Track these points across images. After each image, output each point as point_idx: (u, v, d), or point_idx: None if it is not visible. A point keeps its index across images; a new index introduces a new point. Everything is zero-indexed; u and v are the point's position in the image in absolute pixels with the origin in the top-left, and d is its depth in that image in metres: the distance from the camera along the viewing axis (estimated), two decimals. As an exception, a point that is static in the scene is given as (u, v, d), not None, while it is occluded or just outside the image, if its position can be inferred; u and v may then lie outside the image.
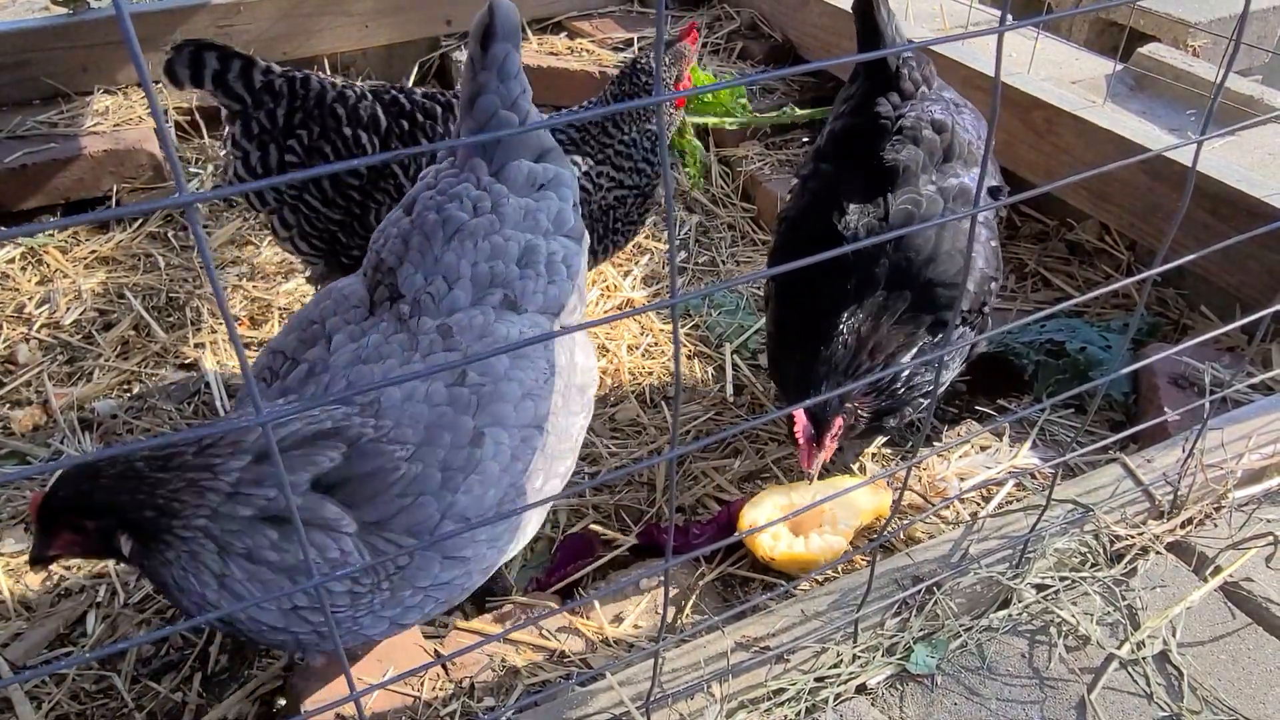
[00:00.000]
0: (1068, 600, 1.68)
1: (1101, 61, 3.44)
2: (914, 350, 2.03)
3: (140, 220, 3.35)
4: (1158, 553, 1.77)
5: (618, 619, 1.87)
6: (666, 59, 2.77)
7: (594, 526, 2.21)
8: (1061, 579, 1.71)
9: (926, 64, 2.33)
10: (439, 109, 2.32)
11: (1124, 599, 1.69)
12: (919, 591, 1.67)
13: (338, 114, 2.21)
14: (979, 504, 2.13)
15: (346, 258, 2.30)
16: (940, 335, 2.04)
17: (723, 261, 3.21)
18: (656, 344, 2.84)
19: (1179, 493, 1.84)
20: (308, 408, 0.78)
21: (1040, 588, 1.70)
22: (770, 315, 2.27)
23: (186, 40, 2.07)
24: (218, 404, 2.60)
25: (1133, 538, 1.78)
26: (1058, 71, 3.29)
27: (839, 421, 1.96)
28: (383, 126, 2.24)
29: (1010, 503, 2.08)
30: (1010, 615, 1.66)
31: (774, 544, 1.98)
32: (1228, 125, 1.37)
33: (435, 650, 1.85)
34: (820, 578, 1.94)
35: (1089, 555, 1.76)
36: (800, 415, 1.94)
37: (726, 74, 3.88)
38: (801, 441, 1.95)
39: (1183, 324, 2.69)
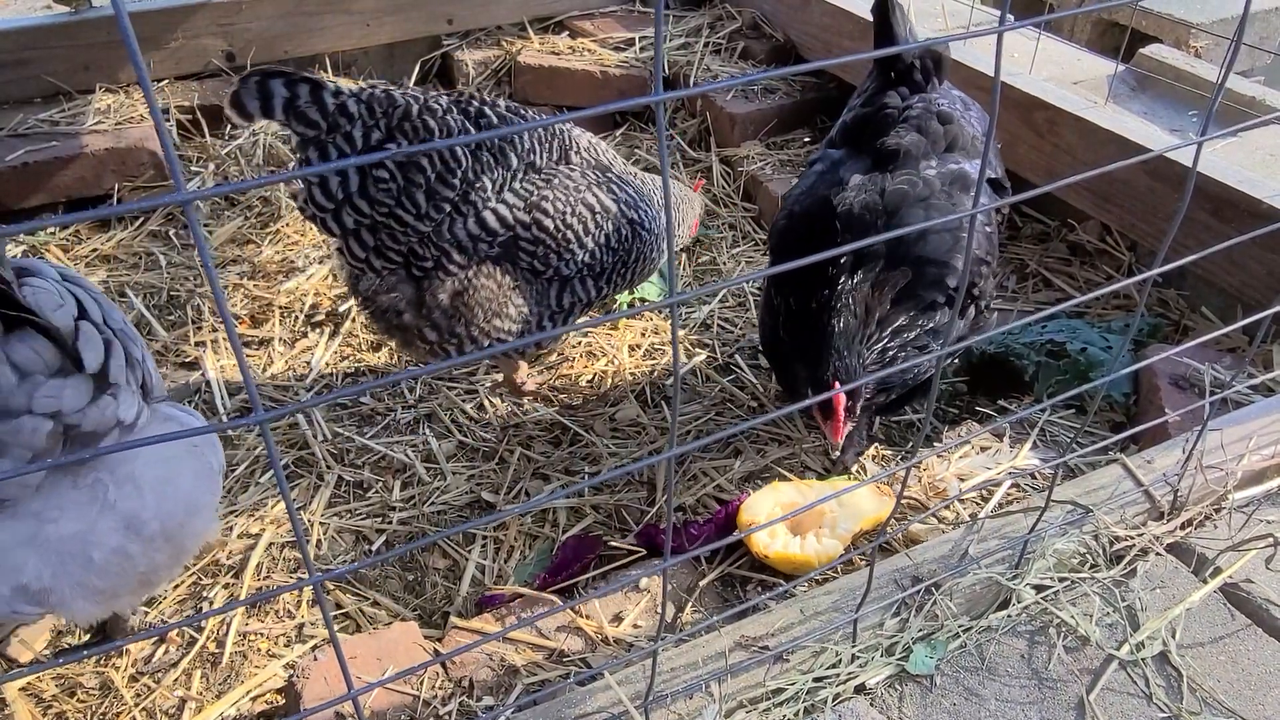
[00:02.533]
0: (1067, 601, 1.68)
1: (1103, 62, 3.44)
2: (914, 328, 2.05)
3: (141, 218, 3.36)
4: (1157, 554, 1.77)
5: (617, 618, 1.87)
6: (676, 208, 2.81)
7: (611, 544, 2.21)
8: (1061, 580, 1.71)
9: (940, 62, 2.36)
10: (520, 119, 2.30)
11: (1123, 600, 1.69)
12: (918, 592, 1.67)
13: (430, 126, 2.12)
14: (978, 504, 2.13)
15: (419, 269, 2.24)
16: (934, 313, 2.05)
17: (723, 262, 3.21)
18: (658, 345, 2.84)
19: (1179, 494, 1.84)
20: (301, 408, 0.77)
21: (1040, 588, 1.70)
22: (764, 294, 2.29)
23: (251, 70, 1.99)
24: (218, 403, 2.60)
25: (1132, 539, 1.77)
26: (1059, 72, 3.29)
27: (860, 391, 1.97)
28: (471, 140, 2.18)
29: (1010, 503, 2.08)
30: (1009, 616, 1.66)
31: (770, 541, 1.97)
32: (1229, 126, 1.37)
33: (434, 649, 1.85)
34: (819, 577, 1.94)
35: (1088, 556, 1.76)
36: (835, 385, 1.93)
37: (727, 74, 3.88)
38: (841, 411, 1.94)
39: (1183, 325, 2.69)
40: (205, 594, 2.09)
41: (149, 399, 1.62)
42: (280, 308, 2.94)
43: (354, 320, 2.89)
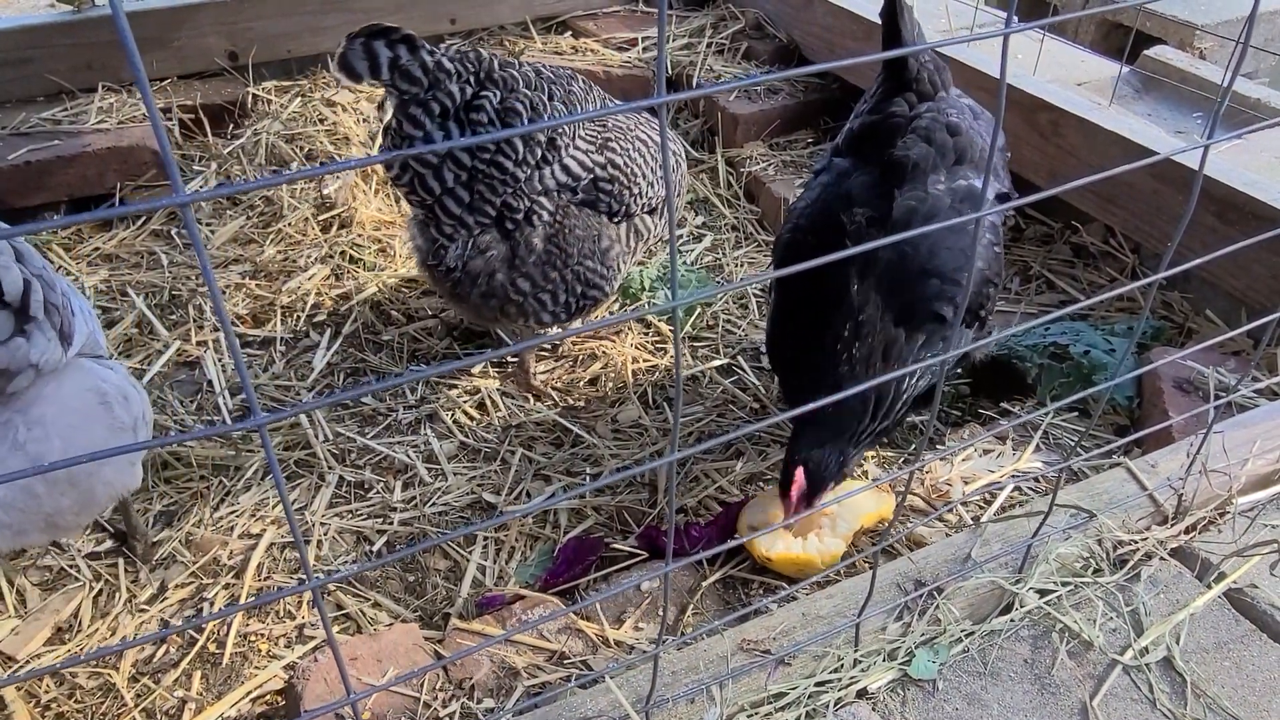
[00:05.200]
0: (1070, 605, 1.67)
1: (1107, 64, 3.43)
2: (934, 346, 2.04)
3: (143, 218, 3.35)
4: (1161, 558, 1.76)
5: (619, 620, 1.87)
6: None
7: (613, 546, 2.21)
8: (1064, 584, 1.70)
9: (944, 69, 2.34)
10: (567, 74, 2.45)
11: (1127, 605, 1.68)
12: (921, 595, 1.66)
13: (515, 76, 2.23)
14: (981, 507, 2.12)
15: (511, 222, 2.32)
16: (943, 330, 2.04)
17: (726, 264, 3.20)
18: (660, 345, 2.83)
19: (1183, 498, 1.83)
20: (299, 411, 0.77)
21: (1043, 593, 1.69)
22: (771, 304, 2.28)
23: (355, 31, 2.02)
24: (220, 403, 2.60)
25: (1136, 543, 1.77)
26: (1064, 73, 3.28)
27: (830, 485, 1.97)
28: (546, 89, 2.30)
29: (1013, 507, 2.07)
30: (1012, 620, 1.65)
31: (771, 544, 1.97)
32: (1234, 128, 1.36)
33: (435, 650, 1.85)
34: (821, 580, 1.94)
35: (1092, 560, 1.75)
36: (799, 473, 1.93)
37: (730, 75, 3.88)
38: (794, 496, 1.93)
39: (1187, 328, 2.67)
40: (206, 594, 2.08)
41: (68, 346, 1.67)
42: (282, 307, 2.94)
43: (355, 320, 2.89)
